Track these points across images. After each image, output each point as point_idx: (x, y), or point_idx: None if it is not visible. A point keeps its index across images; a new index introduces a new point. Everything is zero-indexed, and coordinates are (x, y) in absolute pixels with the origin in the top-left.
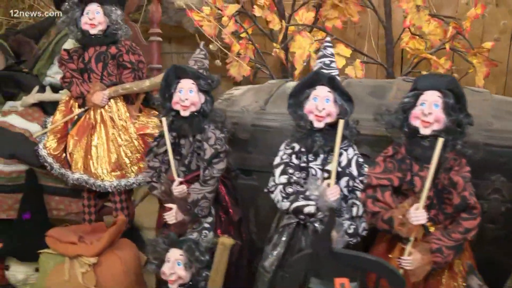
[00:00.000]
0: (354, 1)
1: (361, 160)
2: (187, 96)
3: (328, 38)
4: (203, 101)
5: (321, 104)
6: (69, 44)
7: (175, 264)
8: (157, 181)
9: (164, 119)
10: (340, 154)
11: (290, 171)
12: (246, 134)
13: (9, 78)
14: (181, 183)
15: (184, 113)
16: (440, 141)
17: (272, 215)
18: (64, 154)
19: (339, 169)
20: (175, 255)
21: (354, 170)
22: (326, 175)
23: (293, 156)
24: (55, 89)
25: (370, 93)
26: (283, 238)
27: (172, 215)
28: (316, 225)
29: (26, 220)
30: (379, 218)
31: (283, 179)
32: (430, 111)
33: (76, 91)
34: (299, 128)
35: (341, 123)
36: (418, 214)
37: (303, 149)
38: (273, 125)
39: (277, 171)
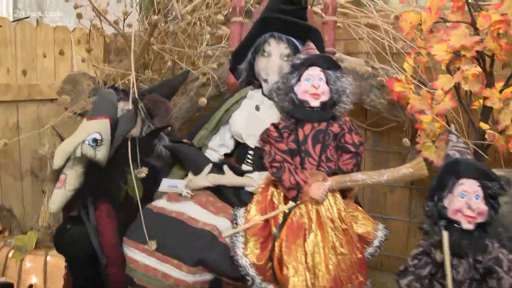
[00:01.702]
0: None
1: None
2: (477, 203)
3: None
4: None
5: None
6: (241, 112)
7: None
8: None
9: (445, 234)
10: None
11: None
12: None
13: (172, 151)
14: None
15: (467, 226)
16: None
17: None
18: (269, 264)
19: None
20: None
21: None
22: None
23: None
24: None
25: None
26: None
27: None
28: None
29: None
30: None
31: None
32: None
33: (289, 181)
34: None
35: None
36: None
37: None
38: None
39: None
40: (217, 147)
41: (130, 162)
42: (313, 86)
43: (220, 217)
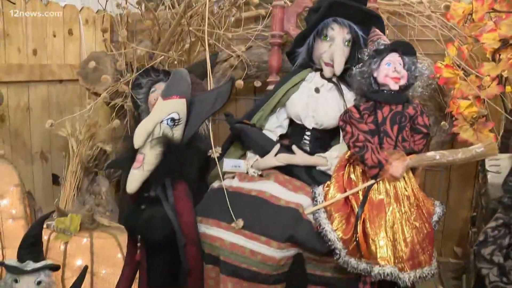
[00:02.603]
0: None
1: None
2: None
3: None
4: None
5: None
6: (301, 94)
7: None
8: (508, 281)
9: None
10: None
11: None
12: None
13: (238, 132)
14: None
15: None
16: None
17: None
18: (353, 238)
19: None
20: None
21: None
22: None
23: None
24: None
25: None
26: None
27: None
28: None
29: None
30: None
31: None
32: None
33: (372, 160)
34: None
35: None
36: None
37: None
38: None
39: None
40: (274, 128)
41: (212, 142)
42: (395, 71)
43: (300, 194)
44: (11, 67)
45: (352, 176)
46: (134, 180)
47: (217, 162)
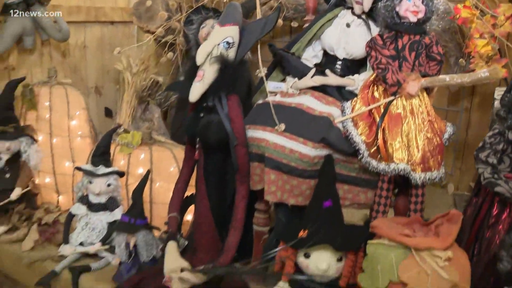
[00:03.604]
0: None
1: None
2: None
3: None
4: None
5: None
6: (334, 29)
7: None
8: (499, 177)
9: None
10: None
11: None
12: None
13: (280, 57)
14: None
15: None
16: None
17: None
18: (375, 142)
19: None
20: None
21: None
22: None
23: None
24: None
25: None
26: None
27: None
28: None
29: (326, 208)
30: None
31: None
32: None
33: (392, 79)
34: None
35: None
36: None
37: None
38: None
39: None
40: (310, 58)
41: (260, 62)
42: (414, 5)
43: (331, 107)
44: (71, 8)
45: (376, 94)
46: (196, 90)
47: (264, 80)
